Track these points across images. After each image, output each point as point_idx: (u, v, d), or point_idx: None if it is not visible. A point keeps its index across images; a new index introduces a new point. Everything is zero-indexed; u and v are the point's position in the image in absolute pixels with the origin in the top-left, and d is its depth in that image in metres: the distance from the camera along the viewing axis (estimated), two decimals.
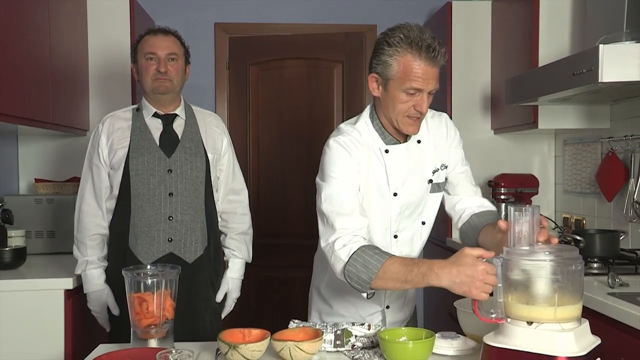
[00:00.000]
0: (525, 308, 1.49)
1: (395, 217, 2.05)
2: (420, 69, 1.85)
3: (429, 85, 1.87)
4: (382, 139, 2.03)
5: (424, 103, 1.89)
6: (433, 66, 1.86)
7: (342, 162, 1.95)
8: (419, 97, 1.88)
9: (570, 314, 1.48)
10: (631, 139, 3.10)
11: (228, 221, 2.75)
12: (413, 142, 2.05)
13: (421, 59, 1.85)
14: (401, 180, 2.02)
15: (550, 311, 1.46)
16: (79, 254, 2.59)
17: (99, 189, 2.58)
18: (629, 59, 2.49)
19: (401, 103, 1.90)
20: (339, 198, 1.92)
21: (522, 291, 1.50)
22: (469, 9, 3.98)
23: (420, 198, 2.08)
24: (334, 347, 1.84)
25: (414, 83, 1.86)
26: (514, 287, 1.52)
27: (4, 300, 2.65)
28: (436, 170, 2.09)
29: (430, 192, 2.10)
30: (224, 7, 4.44)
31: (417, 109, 1.90)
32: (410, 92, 1.88)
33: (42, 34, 3.12)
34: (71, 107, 3.50)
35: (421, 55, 1.84)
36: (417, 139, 2.05)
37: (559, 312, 1.46)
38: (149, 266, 1.90)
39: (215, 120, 2.75)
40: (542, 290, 1.48)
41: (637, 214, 3.02)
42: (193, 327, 2.48)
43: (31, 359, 2.65)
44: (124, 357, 1.72)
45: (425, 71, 1.85)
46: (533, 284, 1.49)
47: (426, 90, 1.88)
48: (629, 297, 2.18)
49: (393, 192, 2.02)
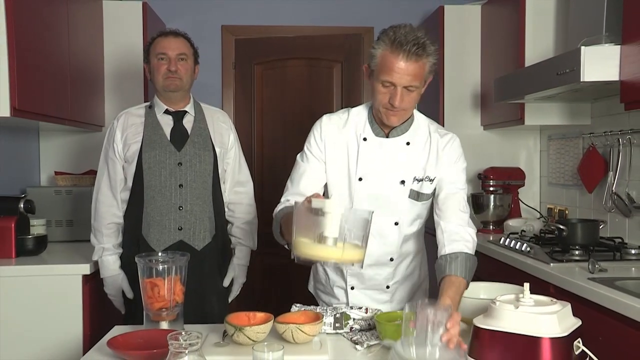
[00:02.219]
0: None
1: (362, 204, 1.99)
2: (395, 64, 1.84)
3: (403, 80, 1.85)
4: (370, 127, 2.04)
5: (396, 96, 1.87)
6: (408, 63, 1.84)
7: (312, 139, 2.09)
8: (393, 90, 1.88)
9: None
10: (610, 135, 3.10)
11: (234, 211, 2.75)
12: (402, 141, 2.03)
13: (396, 55, 1.84)
14: (370, 169, 2.02)
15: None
16: (96, 241, 2.59)
17: (114, 180, 2.58)
18: (608, 60, 2.50)
19: (379, 94, 1.91)
20: (297, 172, 2.10)
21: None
22: (460, 12, 3.97)
23: (391, 195, 2.02)
24: (334, 329, 1.84)
25: (387, 76, 1.86)
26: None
27: (27, 284, 2.66)
28: (420, 180, 2.03)
29: (409, 197, 2.04)
30: (230, 11, 4.43)
31: (391, 102, 1.89)
32: (385, 84, 1.88)
33: (61, 37, 3.11)
34: (88, 104, 3.50)
35: (397, 51, 1.83)
36: (407, 141, 2.03)
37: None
38: (160, 253, 1.90)
39: (222, 116, 2.75)
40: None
41: (615, 205, 3.02)
42: (202, 311, 2.48)
43: (52, 339, 2.66)
44: (137, 337, 1.72)
45: (399, 67, 1.84)
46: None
47: (399, 85, 1.86)
48: (608, 281, 2.18)
49: (359, 177, 2.02)
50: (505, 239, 3.11)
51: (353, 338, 1.78)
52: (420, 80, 1.89)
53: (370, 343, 1.72)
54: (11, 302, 2.64)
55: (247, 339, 1.68)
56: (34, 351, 2.65)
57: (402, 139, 2.03)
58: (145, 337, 1.72)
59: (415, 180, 2.03)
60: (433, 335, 1.39)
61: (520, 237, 3.14)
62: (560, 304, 1.51)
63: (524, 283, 1.59)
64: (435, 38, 3.98)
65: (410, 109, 1.98)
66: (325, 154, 2.06)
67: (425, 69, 1.89)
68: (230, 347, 1.71)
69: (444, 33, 3.93)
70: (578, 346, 1.46)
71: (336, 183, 2.06)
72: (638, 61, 2.37)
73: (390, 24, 1.95)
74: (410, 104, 1.93)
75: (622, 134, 3.00)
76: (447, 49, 3.94)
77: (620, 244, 2.82)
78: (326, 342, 1.74)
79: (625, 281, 2.20)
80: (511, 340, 1.43)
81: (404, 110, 1.94)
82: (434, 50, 1.89)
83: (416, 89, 1.90)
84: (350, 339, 1.78)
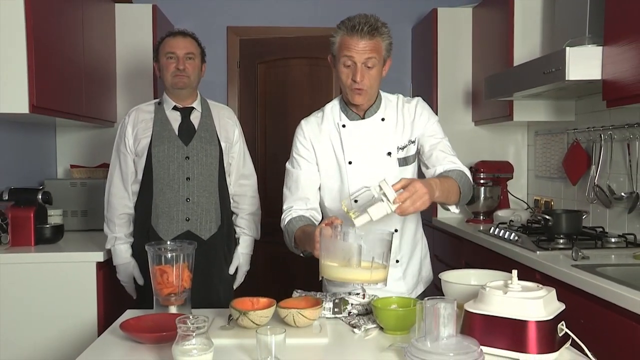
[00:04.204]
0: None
1: (355, 185, 1.99)
2: (351, 42, 1.89)
3: (360, 56, 1.89)
4: (346, 115, 2.06)
5: (357, 72, 1.90)
6: (363, 40, 1.88)
7: (298, 143, 2.11)
8: (354, 68, 1.91)
9: None
10: (593, 131, 3.10)
11: (239, 203, 2.74)
12: (377, 118, 2.05)
13: (352, 36, 1.89)
14: (357, 150, 2.03)
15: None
16: (109, 231, 2.59)
17: (125, 174, 2.58)
18: (591, 60, 2.51)
19: (343, 75, 1.95)
20: (292, 179, 2.09)
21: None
22: (452, 15, 3.96)
23: (381, 168, 2.01)
24: (333, 314, 1.84)
25: (347, 52, 1.90)
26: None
27: (45, 271, 2.67)
28: (404, 147, 2.04)
29: (400, 166, 2.04)
30: (236, 12, 4.42)
31: (353, 79, 1.92)
32: (346, 63, 1.92)
33: (76, 39, 3.11)
34: (101, 101, 3.49)
35: (352, 32, 1.89)
36: (382, 117, 2.05)
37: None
38: (168, 242, 1.90)
39: (227, 112, 2.74)
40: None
41: (597, 196, 3.02)
42: (208, 296, 2.49)
43: (69, 321, 2.67)
44: (148, 321, 1.73)
45: (356, 44, 1.88)
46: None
47: (359, 62, 1.90)
48: (590, 268, 2.19)
49: (348, 161, 2.03)
50: (494, 228, 3.12)
51: (351, 322, 1.78)
52: (378, 56, 1.92)
53: (367, 327, 1.72)
54: (31, 287, 2.65)
55: (251, 323, 1.68)
56: (52, 332, 2.66)
57: (376, 117, 2.05)
58: (156, 320, 1.72)
59: (399, 149, 2.04)
60: (445, 329, 1.40)
61: (509, 226, 3.14)
62: (545, 290, 1.52)
63: (512, 270, 1.59)
64: (429, 38, 3.98)
65: (373, 88, 1.99)
66: (314, 151, 2.08)
67: (381, 46, 1.92)
68: (235, 330, 1.71)
69: (437, 34, 3.92)
70: (562, 328, 1.47)
71: (329, 174, 2.07)
72: (619, 61, 2.37)
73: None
74: (371, 82, 1.95)
75: (603, 130, 3.00)
76: (440, 49, 3.93)
77: (602, 233, 2.83)
78: (326, 326, 1.74)
79: (606, 268, 2.21)
80: (500, 323, 1.44)
81: (367, 90, 1.96)
82: (386, 32, 1.94)
83: (374, 66, 1.92)
84: (348, 323, 1.78)
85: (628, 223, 2.90)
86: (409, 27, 4.40)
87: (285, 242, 2.04)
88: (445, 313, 1.39)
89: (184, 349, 1.38)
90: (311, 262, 1.95)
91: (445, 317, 1.39)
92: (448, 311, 1.39)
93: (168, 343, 1.50)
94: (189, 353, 1.37)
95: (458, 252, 3.46)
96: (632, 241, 2.68)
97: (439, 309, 1.39)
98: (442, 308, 1.39)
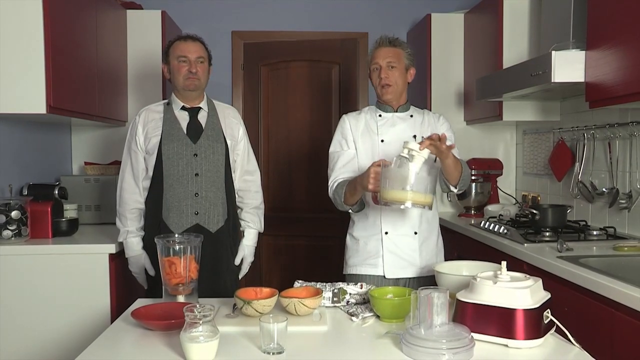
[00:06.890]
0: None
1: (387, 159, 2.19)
2: (376, 52, 2.33)
3: (383, 61, 2.30)
4: (382, 110, 2.40)
5: (382, 71, 2.30)
6: (386, 49, 2.31)
7: (340, 130, 2.41)
8: (380, 69, 2.31)
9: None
10: (577, 130, 3.10)
11: (243, 197, 2.74)
12: (406, 114, 2.39)
13: (377, 47, 2.35)
14: (389, 132, 2.34)
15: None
16: (121, 224, 2.59)
17: (136, 170, 2.57)
18: (574, 64, 2.52)
19: (374, 77, 2.35)
20: (333, 161, 2.38)
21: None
22: (445, 20, 3.95)
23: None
24: (332, 303, 1.85)
25: (374, 60, 2.33)
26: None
27: (61, 262, 2.67)
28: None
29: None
30: (240, 17, 4.40)
31: (379, 76, 2.31)
32: (375, 68, 2.33)
33: (90, 43, 3.11)
34: (113, 102, 3.49)
35: (377, 45, 2.35)
36: (410, 114, 2.39)
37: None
38: (177, 235, 1.90)
39: (232, 112, 2.74)
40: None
41: (580, 192, 3.03)
42: (214, 286, 2.48)
43: (83, 309, 2.68)
44: (157, 309, 1.73)
45: (380, 52, 2.32)
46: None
47: (382, 64, 2.29)
48: (574, 259, 2.19)
49: (381, 139, 2.34)
50: (485, 222, 3.12)
51: (349, 311, 1.78)
52: (399, 60, 2.30)
53: (364, 315, 1.73)
54: (48, 277, 2.66)
55: (254, 311, 1.68)
56: (68, 320, 2.66)
57: (406, 113, 2.39)
58: (165, 308, 1.73)
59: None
60: (438, 317, 1.40)
61: (498, 220, 3.15)
62: (532, 280, 1.52)
63: (501, 261, 1.60)
64: (423, 42, 3.97)
65: (398, 85, 2.32)
66: (352, 133, 2.37)
67: (401, 54, 2.32)
68: (239, 319, 1.71)
69: (431, 38, 3.92)
70: (547, 316, 1.47)
71: (366, 154, 2.34)
72: (600, 65, 2.38)
73: (383, 30, 2.03)
74: (395, 79, 2.30)
75: (587, 129, 3.00)
76: (433, 52, 3.92)
77: (585, 226, 2.83)
78: (325, 314, 1.75)
79: (588, 259, 2.22)
80: (490, 311, 1.45)
81: (392, 86, 2.31)
82: (405, 45, 2.36)
83: (396, 66, 2.30)
84: (346, 312, 1.79)
85: (609, 217, 2.90)
86: (404, 31, 4.39)
87: (336, 204, 2.28)
88: (438, 302, 1.40)
89: (191, 336, 1.38)
90: (311, 254, 1.95)
91: (439, 306, 1.40)
92: (441, 300, 1.40)
93: (176, 330, 1.51)
94: (196, 339, 1.38)
95: (450, 245, 3.46)
96: (612, 234, 2.69)
97: (432, 298, 1.40)
98: (436, 297, 1.40)
